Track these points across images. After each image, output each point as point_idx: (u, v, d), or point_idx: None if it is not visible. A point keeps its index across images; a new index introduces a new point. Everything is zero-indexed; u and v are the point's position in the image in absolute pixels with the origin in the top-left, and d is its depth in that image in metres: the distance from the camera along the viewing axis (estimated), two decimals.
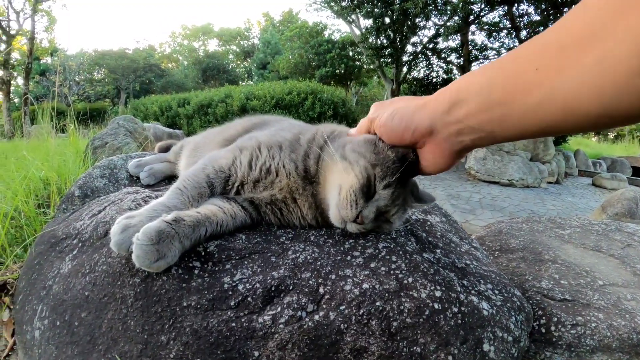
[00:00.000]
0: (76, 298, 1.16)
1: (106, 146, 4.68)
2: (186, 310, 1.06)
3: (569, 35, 0.66)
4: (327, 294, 1.10)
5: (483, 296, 1.21)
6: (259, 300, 1.08)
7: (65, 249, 1.38)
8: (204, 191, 1.35)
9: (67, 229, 1.47)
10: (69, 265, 1.29)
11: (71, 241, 1.40)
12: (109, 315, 1.09)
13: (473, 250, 1.53)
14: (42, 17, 24.67)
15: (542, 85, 0.69)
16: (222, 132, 1.93)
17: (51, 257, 1.39)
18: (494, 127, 0.82)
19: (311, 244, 1.30)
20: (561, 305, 1.51)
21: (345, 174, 1.21)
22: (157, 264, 1.04)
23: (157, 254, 1.03)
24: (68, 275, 1.25)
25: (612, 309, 1.48)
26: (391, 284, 1.12)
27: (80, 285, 1.18)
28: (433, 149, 1.02)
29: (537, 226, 2.31)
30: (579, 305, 1.50)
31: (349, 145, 1.27)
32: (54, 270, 1.32)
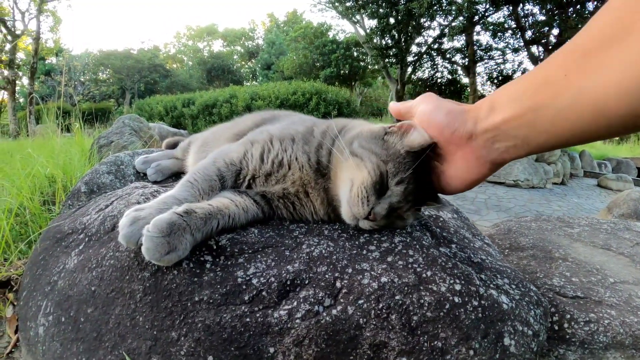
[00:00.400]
0: (82, 293, 1.13)
1: (111, 145, 4.70)
2: (198, 305, 1.02)
3: (591, 39, 0.69)
4: (344, 288, 1.07)
5: (502, 290, 1.19)
6: (274, 294, 1.05)
7: (71, 244, 1.36)
8: (215, 184, 1.33)
9: (74, 224, 1.45)
10: (75, 260, 1.26)
11: (77, 236, 1.38)
12: (117, 310, 1.06)
13: (486, 246, 1.51)
14: (47, 18, 24.81)
15: (570, 88, 0.71)
16: (231, 128, 1.91)
17: (57, 252, 1.37)
18: (528, 132, 0.84)
19: (325, 238, 1.27)
20: (573, 303, 1.49)
21: (357, 170, 1.19)
22: (167, 257, 1.01)
23: (167, 247, 1.00)
24: (74, 270, 1.22)
25: (624, 306, 1.46)
26: (410, 278, 1.09)
27: (86, 280, 1.15)
28: (467, 156, 1.01)
29: (545, 225, 2.29)
30: (591, 303, 1.48)
31: (358, 141, 1.25)
32: (59, 266, 1.29)
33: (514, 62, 21.99)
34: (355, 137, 1.28)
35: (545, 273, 1.68)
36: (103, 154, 4.30)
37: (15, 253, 1.87)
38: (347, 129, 1.40)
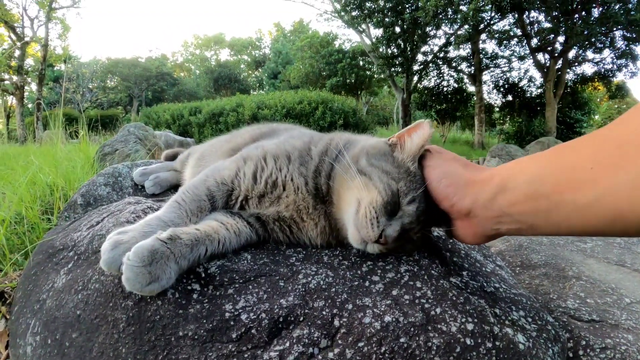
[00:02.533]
0: (68, 316, 1.09)
1: (116, 153, 4.69)
2: (182, 341, 0.96)
3: (629, 132, 0.64)
4: (343, 327, 0.98)
5: (517, 326, 1.09)
6: (265, 333, 0.97)
7: (61, 261, 1.32)
8: (204, 205, 1.26)
9: (65, 240, 1.41)
10: (64, 279, 1.22)
11: (67, 253, 1.33)
12: (100, 339, 1.01)
13: (498, 269, 1.43)
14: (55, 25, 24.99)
15: (595, 185, 0.67)
16: (229, 141, 1.86)
17: (47, 268, 1.33)
18: (537, 220, 0.81)
19: (324, 267, 1.18)
20: (589, 327, 1.41)
21: (366, 190, 1.12)
22: (149, 288, 0.95)
23: (149, 277, 0.94)
24: (62, 290, 1.18)
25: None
26: (417, 316, 1.00)
27: (72, 303, 1.11)
28: (465, 227, 1.03)
29: (557, 239, 2.23)
30: (607, 327, 1.41)
31: (366, 158, 1.20)
32: (48, 284, 1.25)
33: (520, 70, 22.04)
34: (361, 154, 1.23)
35: (559, 294, 1.61)
36: (106, 162, 4.29)
37: (9, 264, 1.83)
38: (350, 144, 1.33)
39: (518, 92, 21.78)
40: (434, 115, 23.95)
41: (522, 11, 17.51)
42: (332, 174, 1.24)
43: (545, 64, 18.55)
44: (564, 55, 17.84)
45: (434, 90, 23.29)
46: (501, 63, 21.82)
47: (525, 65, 21.55)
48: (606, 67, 18.77)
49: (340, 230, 1.23)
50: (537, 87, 21.27)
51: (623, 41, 17.42)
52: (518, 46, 20.60)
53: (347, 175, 1.17)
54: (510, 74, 22.13)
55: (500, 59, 21.61)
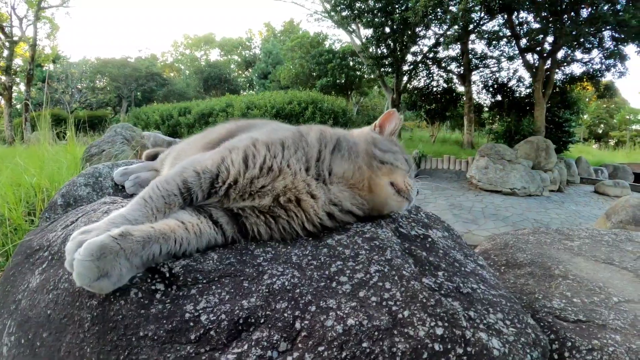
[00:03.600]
0: (40, 316, 1.09)
1: (103, 154, 4.64)
2: (142, 342, 0.95)
3: None
4: (304, 331, 0.96)
5: (493, 330, 1.05)
6: (224, 335, 0.96)
7: (37, 262, 1.32)
8: (174, 200, 1.25)
9: (41, 240, 1.41)
10: (38, 279, 1.22)
11: (43, 253, 1.33)
12: (67, 338, 1.01)
13: (479, 269, 1.40)
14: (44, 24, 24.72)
15: None
16: (205, 136, 1.88)
17: (25, 268, 1.33)
18: None
19: (292, 267, 1.17)
20: (575, 328, 1.39)
21: (394, 174, 1.48)
22: (99, 283, 0.96)
23: (97, 272, 0.95)
24: (35, 290, 1.18)
25: (629, 329, 1.37)
26: (382, 320, 0.97)
27: (44, 303, 1.11)
28: None
29: (544, 238, 2.21)
30: (594, 327, 1.39)
31: (379, 149, 1.52)
32: (24, 284, 1.25)
33: (509, 70, 22.03)
34: (372, 146, 1.52)
35: (545, 293, 1.59)
36: (94, 163, 4.24)
37: None
38: (341, 139, 1.50)
39: (507, 92, 21.82)
40: (424, 115, 23.98)
41: (512, 12, 17.56)
42: (332, 162, 1.42)
43: (534, 64, 18.63)
44: (552, 55, 17.91)
45: (423, 91, 23.28)
46: (490, 63, 21.88)
47: (514, 65, 21.58)
48: (595, 67, 18.86)
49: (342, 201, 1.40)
50: (526, 87, 21.32)
51: (612, 41, 17.50)
52: (507, 46, 20.65)
53: (371, 169, 1.46)
54: (500, 74, 22.19)
55: (490, 59, 21.66)
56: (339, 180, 1.41)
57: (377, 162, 1.47)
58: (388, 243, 1.29)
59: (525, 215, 11.15)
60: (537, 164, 14.95)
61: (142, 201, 1.22)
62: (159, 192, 1.24)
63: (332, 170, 1.41)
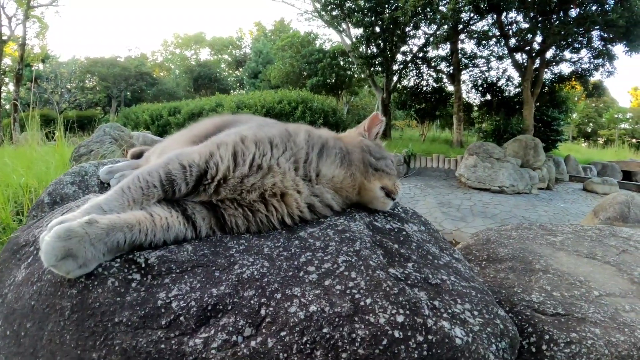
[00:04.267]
0: (24, 307, 1.12)
1: (91, 154, 4.62)
2: (117, 327, 0.99)
3: None
4: (268, 317, 1.00)
5: (457, 320, 1.06)
6: (192, 320, 0.99)
7: (23, 257, 1.35)
8: (153, 192, 1.26)
9: (27, 236, 1.43)
10: (23, 273, 1.24)
11: (29, 248, 1.36)
12: (49, 327, 1.04)
13: (454, 262, 1.41)
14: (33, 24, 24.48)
15: None
16: (191, 130, 1.91)
17: (11, 264, 1.36)
18: None
19: (262, 258, 1.20)
20: (553, 321, 1.39)
21: (386, 179, 1.59)
22: (65, 263, 1.00)
23: (63, 251, 0.99)
24: (20, 283, 1.21)
25: (609, 322, 1.37)
26: (344, 307, 1.00)
27: (28, 294, 1.14)
28: None
29: (527, 233, 2.21)
30: (573, 320, 1.39)
31: (372, 156, 1.61)
32: (11, 278, 1.28)
33: (499, 69, 22.14)
34: (368, 155, 1.60)
35: (524, 287, 1.59)
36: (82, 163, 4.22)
37: None
38: (330, 144, 1.55)
39: (496, 92, 21.94)
40: (414, 114, 24.04)
41: (501, 11, 17.64)
42: (319, 165, 1.46)
43: (523, 63, 18.73)
44: (541, 55, 18.03)
45: (413, 90, 23.34)
46: (480, 63, 21.98)
47: (503, 65, 21.68)
48: (583, 66, 18.99)
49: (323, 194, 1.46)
50: (515, 86, 21.44)
51: (600, 41, 17.62)
52: (496, 46, 20.74)
53: (364, 176, 1.56)
54: (489, 74, 22.29)
55: (479, 59, 21.76)
56: (327, 182, 1.47)
57: (372, 169, 1.58)
58: (359, 235, 1.31)
59: (514, 213, 11.21)
60: (526, 162, 15.04)
61: (120, 191, 1.24)
62: (139, 183, 1.26)
63: (321, 173, 1.46)
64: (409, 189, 13.50)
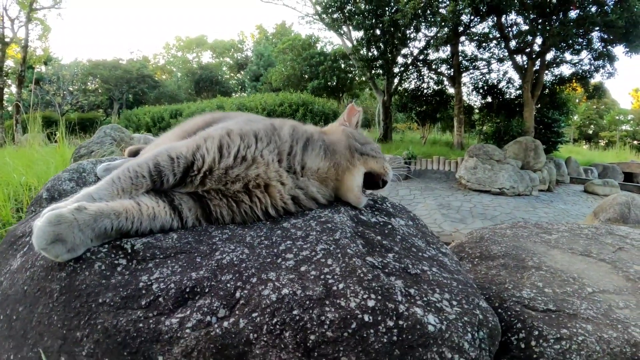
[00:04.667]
0: (17, 293, 1.16)
1: (91, 155, 4.63)
2: (101, 307, 1.03)
3: None
4: (242, 299, 1.03)
5: (432, 308, 1.06)
6: (171, 301, 1.03)
7: (19, 247, 1.39)
8: (141, 182, 1.31)
9: (24, 228, 1.47)
10: (19, 261, 1.29)
11: (25, 239, 1.41)
12: (39, 309, 1.09)
13: (440, 256, 1.41)
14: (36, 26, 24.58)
15: None
16: (182, 127, 1.97)
17: (8, 255, 1.40)
18: None
19: (244, 245, 1.24)
20: (544, 317, 1.36)
21: (374, 162, 1.61)
22: (54, 247, 1.05)
23: (53, 235, 1.04)
24: (15, 271, 1.25)
25: (602, 319, 1.34)
26: (316, 290, 1.02)
27: (21, 280, 1.18)
28: None
29: (521, 232, 2.20)
30: (564, 316, 1.36)
31: (357, 142, 1.63)
32: (6, 267, 1.32)
33: (499, 71, 22.13)
34: (353, 140, 1.62)
35: (515, 284, 1.59)
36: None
37: None
38: (315, 137, 1.58)
39: (497, 94, 21.92)
40: (415, 116, 24.03)
41: (501, 14, 17.64)
42: (304, 158, 1.49)
43: (523, 65, 18.72)
44: (541, 56, 18.02)
45: (414, 92, 23.34)
46: (480, 65, 21.98)
47: (504, 67, 21.66)
48: (584, 68, 18.97)
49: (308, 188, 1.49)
50: (515, 88, 21.43)
51: (600, 42, 17.60)
52: (497, 48, 20.74)
53: (352, 158, 1.57)
54: (490, 76, 22.28)
55: (480, 61, 21.76)
56: (312, 174, 1.50)
57: (358, 154, 1.59)
58: (340, 226, 1.34)
59: (513, 214, 11.21)
60: (526, 164, 15.04)
61: (110, 181, 1.30)
62: (128, 174, 1.31)
63: (306, 165, 1.49)
64: (409, 190, 13.50)
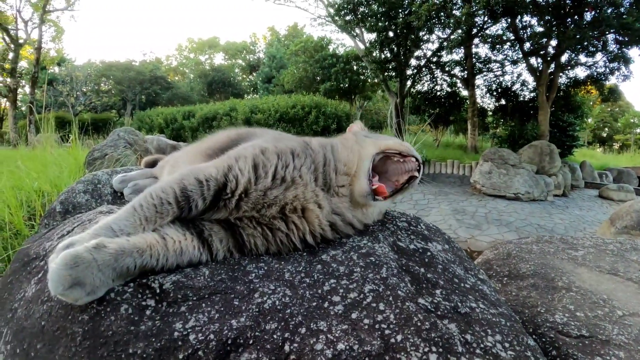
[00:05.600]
0: (34, 327, 1.10)
1: (105, 157, 4.63)
2: (131, 359, 0.94)
3: None
4: (293, 354, 0.93)
5: (490, 355, 0.99)
6: (212, 355, 0.93)
7: (33, 271, 1.32)
8: (167, 209, 1.22)
9: (38, 249, 1.41)
10: (33, 289, 1.22)
11: (39, 262, 1.34)
12: (60, 351, 1.01)
13: (479, 284, 1.36)
14: (49, 28, 24.93)
15: None
16: (204, 143, 1.88)
17: (22, 277, 1.34)
18: None
19: (284, 284, 1.15)
20: (577, 344, 1.34)
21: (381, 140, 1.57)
22: (72, 292, 0.97)
23: (70, 280, 0.96)
24: (30, 300, 1.19)
25: (633, 345, 1.32)
26: (374, 344, 0.94)
27: (38, 313, 1.11)
28: None
29: (548, 247, 2.17)
30: (597, 343, 1.34)
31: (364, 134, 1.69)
32: (21, 293, 1.26)
33: (513, 74, 21.99)
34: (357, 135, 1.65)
35: (547, 307, 1.55)
36: (96, 167, 4.24)
37: None
38: (333, 141, 1.58)
39: (511, 96, 21.76)
40: (428, 119, 23.92)
41: (515, 15, 17.51)
42: (335, 163, 1.45)
43: (538, 67, 18.56)
44: (556, 59, 17.84)
45: (427, 95, 23.25)
46: (494, 67, 21.83)
47: (518, 69, 21.57)
48: (599, 70, 18.77)
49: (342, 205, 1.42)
50: (530, 91, 21.25)
51: (615, 45, 17.41)
52: (511, 50, 20.59)
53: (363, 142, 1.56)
54: (503, 78, 22.14)
55: (493, 63, 21.62)
56: (340, 172, 1.46)
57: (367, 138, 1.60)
58: (384, 259, 1.26)
59: (529, 221, 11.08)
60: (541, 168, 14.89)
61: (131, 210, 1.20)
62: (152, 201, 1.21)
63: (337, 169, 1.45)
64: (423, 195, 13.41)
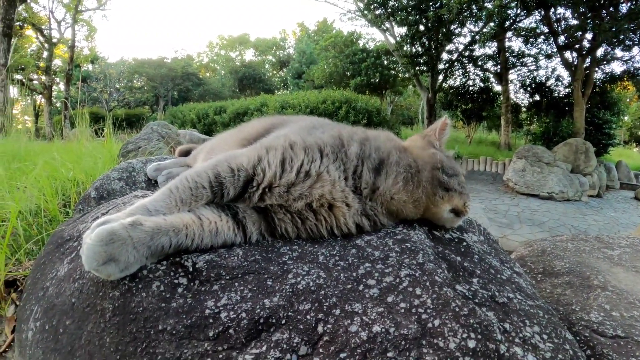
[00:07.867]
0: (64, 304, 1.11)
1: (139, 150, 4.73)
2: (161, 335, 0.95)
3: None
4: (326, 335, 0.92)
5: (529, 345, 0.96)
6: (243, 333, 0.93)
7: (66, 251, 1.35)
8: (202, 193, 1.23)
9: (72, 231, 1.44)
10: (66, 268, 1.24)
11: (72, 243, 1.36)
12: (89, 327, 1.02)
13: (515, 276, 1.33)
14: (82, 27, 25.62)
15: None
16: (239, 132, 1.87)
17: (55, 257, 1.36)
18: None
19: (318, 267, 1.13)
20: (612, 344, 1.31)
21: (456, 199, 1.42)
22: (106, 268, 0.98)
23: (105, 255, 0.97)
24: (62, 278, 1.21)
25: None
26: (411, 328, 0.91)
27: (69, 291, 1.13)
28: None
29: (583, 245, 2.12)
30: (633, 344, 1.30)
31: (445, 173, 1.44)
32: (53, 272, 1.28)
33: (547, 68, 21.52)
34: (439, 172, 1.43)
35: (582, 305, 1.52)
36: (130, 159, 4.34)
37: (19, 253, 1.90)
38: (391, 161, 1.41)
39: (545, 92, 21.27)
40: (460, 115, 23.60)
41: (548, 8, 17.09)
42: (377, 182, 1.36)
43: (573, 62, 18.09)
44: (591, 53, 17.35)
45: (459, 90, 22.95)
46: (528, 61, 21.39)
47: (552, 63, 21.11)
48: (636, 65, 18.20)
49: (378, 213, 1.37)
50: (565, 86, 20.76)
51: None
52: (545, 44, 20.14)
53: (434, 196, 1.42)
54: (538, 73, 21.69)
55: (527, 57, 21.18)
56: (383, 201, 1.38)
57: (442, 190, 1.42)
58: (420, 246, 1.25)
59: (562, 221, 10.83)
60: (576, 167, 14.52)
61: (167, 191, 1.21)
62: (187, 184, 1.23)
63: (378, 190, 1.36)
64: None
